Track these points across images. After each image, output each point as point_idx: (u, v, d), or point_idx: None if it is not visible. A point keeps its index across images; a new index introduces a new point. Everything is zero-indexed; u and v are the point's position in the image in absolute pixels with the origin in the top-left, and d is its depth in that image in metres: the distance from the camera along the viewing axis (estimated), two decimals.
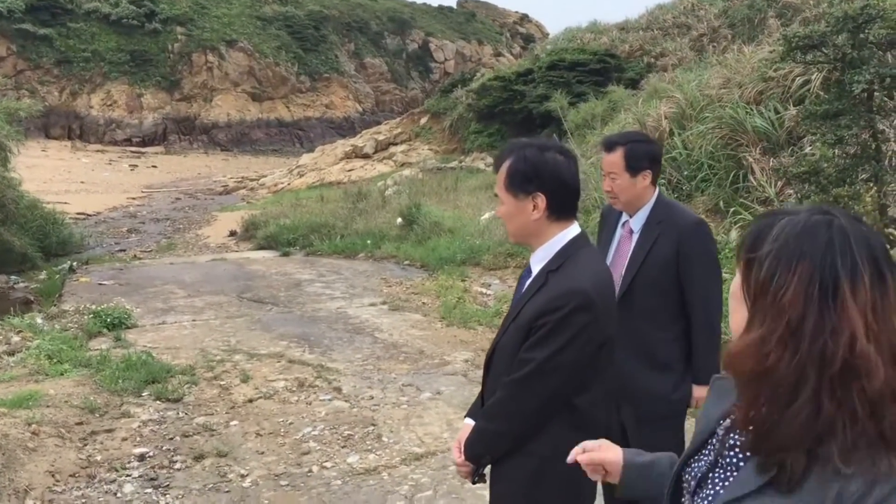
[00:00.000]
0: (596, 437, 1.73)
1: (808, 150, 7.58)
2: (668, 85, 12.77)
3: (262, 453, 5.14)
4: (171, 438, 5.37)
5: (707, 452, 1.41)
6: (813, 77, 8.64)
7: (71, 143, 40.50)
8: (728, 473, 1.33)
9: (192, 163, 39.47)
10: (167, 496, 4.57)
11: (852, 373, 1.17)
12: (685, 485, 1.45)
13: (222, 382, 6.47)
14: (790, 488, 1.20)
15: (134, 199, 26.76)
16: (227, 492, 4.61)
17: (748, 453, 1.29)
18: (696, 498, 1.39)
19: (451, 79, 35.25)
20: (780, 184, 7.89)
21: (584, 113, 16.23)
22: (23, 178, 15.27)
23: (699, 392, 3.17)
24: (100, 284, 10.85)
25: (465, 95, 25.41)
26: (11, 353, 7.09)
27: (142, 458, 5.06)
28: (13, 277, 13.09)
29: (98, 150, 39.85)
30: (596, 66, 20.86)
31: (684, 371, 3.22)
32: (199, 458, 5.06)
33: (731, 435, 1.34)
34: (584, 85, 19.87)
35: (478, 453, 2.36)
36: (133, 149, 41.47)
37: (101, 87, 43.91)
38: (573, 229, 2.33)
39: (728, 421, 1.37)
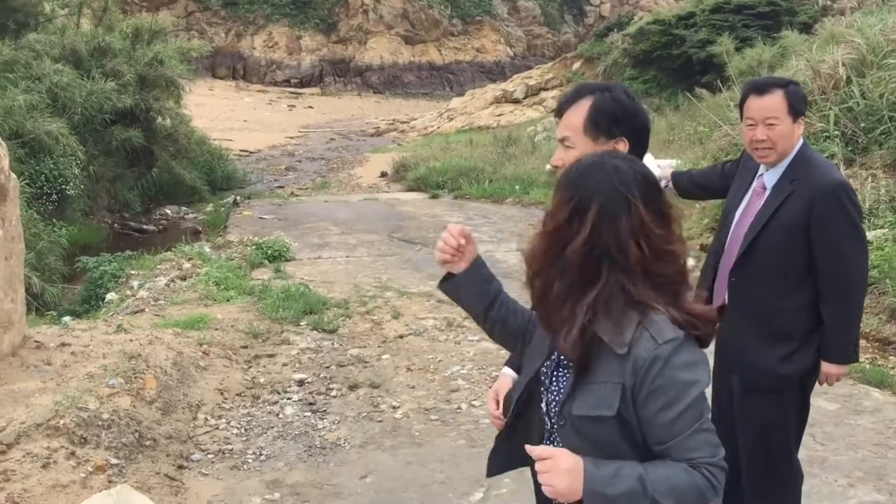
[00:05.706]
0: None
1: None
2: (847, 29, 11.80)
3: (413, 387, 5.29)
4: (328, 367, 5.62)
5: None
6: None
7: (235, 83, 42.36)
8: (565, 373, 1.71)
9: (346, 104, 40.44)
10: (324, 420, 4.80)
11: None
12: (542, 377, 1.79)
13: (374, 317, 6.69)
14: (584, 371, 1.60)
15: (291, 138, 27.78)
16: (380, 421, 4.80)
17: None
18: (548, 391, 1.75)
19: (606, 22, 34.17)
20: None
21: (749, 59, 15.26)
22: (193, 114, 16.16)
23: (828, 368, 2.91)
24: (260, 218, 11.41)
25: (621, 40, 24.49)
26: (183, 278, 7.62)
27: (301, 383, 5.34)
28: (183, 208, 14.04)
29: (259, 91, 41.49)
30: (765, 10, 19.57)
31: (805, 343, 2.90)
32: (353, 387, 5.28)
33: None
34: (750, 29, 18.71)
35: None
36: (291, 90, 42.89)
37: (264, 28, 45.49)
38: None
39: None
